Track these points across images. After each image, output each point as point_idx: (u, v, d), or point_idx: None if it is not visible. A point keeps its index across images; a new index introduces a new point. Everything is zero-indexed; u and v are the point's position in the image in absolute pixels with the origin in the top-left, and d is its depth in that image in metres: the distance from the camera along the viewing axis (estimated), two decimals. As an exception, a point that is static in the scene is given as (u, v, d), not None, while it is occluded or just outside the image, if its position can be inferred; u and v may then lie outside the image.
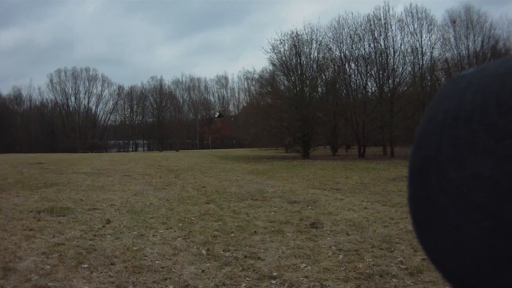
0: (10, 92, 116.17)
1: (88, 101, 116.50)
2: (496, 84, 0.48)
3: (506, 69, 0.49)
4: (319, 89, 46.36)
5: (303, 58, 44.04)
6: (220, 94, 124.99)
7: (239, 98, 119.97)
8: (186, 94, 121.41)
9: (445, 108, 0.52)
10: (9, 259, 7.12)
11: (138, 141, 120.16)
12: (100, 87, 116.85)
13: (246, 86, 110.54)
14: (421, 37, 48.34)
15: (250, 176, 21.82)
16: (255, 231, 9.04)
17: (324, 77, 46.41)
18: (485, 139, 0.45)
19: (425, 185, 0.51)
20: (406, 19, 48.52)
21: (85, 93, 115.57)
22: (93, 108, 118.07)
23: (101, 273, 6.50)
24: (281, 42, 44.13)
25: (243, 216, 10.75)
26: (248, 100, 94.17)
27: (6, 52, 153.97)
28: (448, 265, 0.49)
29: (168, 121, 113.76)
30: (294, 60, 44.13)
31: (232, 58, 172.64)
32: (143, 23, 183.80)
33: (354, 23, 47.66)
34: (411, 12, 49.50)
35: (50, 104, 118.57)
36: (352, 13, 70.72)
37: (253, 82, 73.54)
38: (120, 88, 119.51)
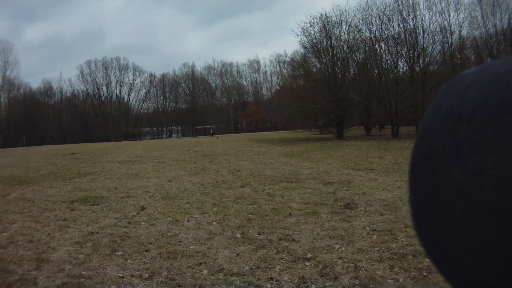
0: (40, 85, 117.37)
1: (120, 90, 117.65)
2: (499, 83, 0.48)
3: (509, 67, 0.49)
4: (351, 70, 46.08)
5: (333, 40, 43.77)
6: (252, 78, 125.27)
7: (271, 82, 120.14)
8: (218, 79, 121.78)
9: (448, 106, 0.52)
10: (42, 250, 7.20)
11: (172, 127, 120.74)
12: (132, 76, 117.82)
13: (278, 70, 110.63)
14: (449, 16, 47.86)
15: (285, 158, 21.80)
16: (289, 213, 9.03)
17: (355, 58, 46.12)
18: (487, 137, 0.45)
19: (427, 183, 0.51)
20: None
21: (117, 83, 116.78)
22: (125, 97, 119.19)
23: (135, 260, 6.54)
24: (311, 25, 43.97)
25: (278, 199, 10.74)
26: (280, 83, 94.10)
27: (34, 47, 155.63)
28: (450, 264, 0.49)
29: (201, 106, 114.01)
30: (324, 42, 43.85)
31: (263, 43, 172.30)
32: (172, 11, 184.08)
33: (382, 3, 47.45)
34: (439, -5, 48.91)
35: (81, 95, 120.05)
36: (381, -6, 70.31)
37: (285, 65, 73.31)
38: (152, 76, 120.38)
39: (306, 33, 44.32)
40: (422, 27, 45.03)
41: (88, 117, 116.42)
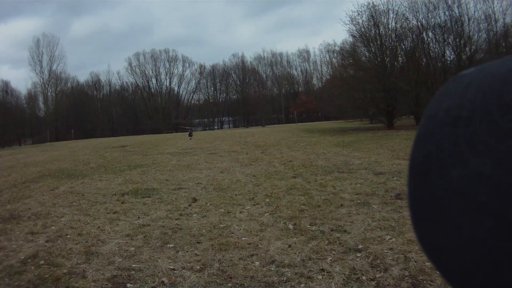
0: (88, 79, 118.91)
1: (169, 82, 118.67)
2: (497, 83, 0.48)
3: (507, 68, 0.49)
4: (399, 59, 45.60)
5: (381, 29, 43.37)
6: (303, 67, 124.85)
7: (321, 71, 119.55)
8: (269, 70, 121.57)
9: (446, 106, 0.53)
10: (92, 243, 7.34)
11: (223, 118, 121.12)
12: (181, 67, 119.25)
13: (328, 59, 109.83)
14: (492, 3, 47.10)
15: (336, 148, 21.72)
16: (341, 204, 9.03)
17: (403, 46, 45.59)
18: (486, 138, 0.46)
19: (425, 184, 0.52)
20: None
21: (166, 74, 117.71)
22: (176, 88, 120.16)
23: (187, 252, 6.61)
24: (358, 14, 43.84)
25: (330, 189, 10.74)
26: (331, 73, 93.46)
27: (82, 40, 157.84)
28: (448, 265, 0.49)
29: (252, 97, 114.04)
30: (372, 31, 43.54)
31: (313, 32, 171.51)
32: (221, 2, 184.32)
33: (427, -9, 46.75)
34: (485, -15, 48.16)
35: (130, 87, 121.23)
36: (426, -19, 69.18)
37: (335, 55, 72.79)
38: (202, 67, 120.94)
39: (354, 22, 44.16)
40: (467, 15, 44.46)
41: (138, 110, 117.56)
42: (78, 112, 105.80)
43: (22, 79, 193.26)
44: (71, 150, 34.75)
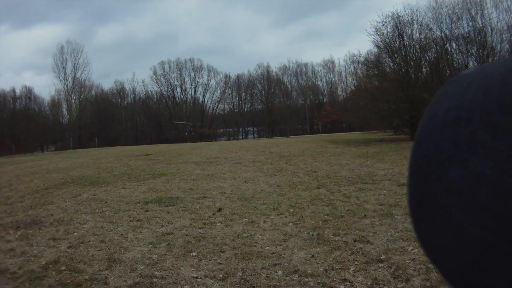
0: (113, 87, 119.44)
1: (194, 91, 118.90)
2: (497, 84, 0.49)
3: (507, 68, 0.50)
4: (423, 70, 45.36)
5: (405, 39, 43.10)
6: (327, 78, 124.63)
7: (346, 82, 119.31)
8: (294, 80, 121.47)
9: (446, 107, 0.54)
10: (115, 250, 7.41)
11: (248, 128, 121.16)
12: (206, 77, 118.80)
13: (352, 70, 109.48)
14: (515, 14, 46.84)
15: (360, 159, 21.65)
16: (364, 215, 9.06)
17: (427, 57, 45.35)
18: (486, 139, 0.46)
19: (425, 184, 0.52)
20: (500, -4, 47.12)
21: (191, 83, 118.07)
22: (200, 97, 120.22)
23: (210, 260, 6.66)
24: (383, 24, 43.55)
25: (354, 200, 10.76)
26: (355, 84, 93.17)
27: (107, 48, 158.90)
28: (448, 264, 0.50)
29: (277, 107, 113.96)
30: (397, 42, 43.26)
31: (338, 43, 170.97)
32: (247, 12, 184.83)
33: (451, 2, 46.68)
34: (505, -9, 47.97)
35: (155, 96, 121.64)
36: (449, -9, 68.93)
37: (359, 65, 72.48)
38: (227, 76, 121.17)
39: (379, 33, 43.99)
40: (490, 25, 44.48)
41: (162, 118, 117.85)
42: (102, 120, 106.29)
43: (45, 86, 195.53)
44: (95, 157, 34.91)
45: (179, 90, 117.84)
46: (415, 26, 43.61)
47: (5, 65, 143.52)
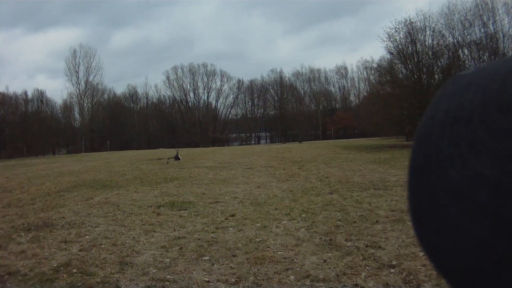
0: (125, 91, 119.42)
1: (207, 96, 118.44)
2: (497, 84, 0.49)
3: (507, 69, 0.50)
4: (436, 76, 45.26)
5: (418, 46, 43.06)
6: (340, 84, 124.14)
7: (359, 88, 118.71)
8: (306, 86, 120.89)
9: (446, 107, 0.54)
10: (126, 254, 7.47)
11: (261, 133, 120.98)
12: (219, 82, 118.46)
13: (365, 76, 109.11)
14: (527, 20, 46.75)
15: (373, 165, 21.62)
16: (376, 221, 9.08)
17: (439, 64, 45.25)
18: (485, 139, 0.46)
19: (425, 184, 0.53)
20: (510, 1, 47.01)
21: (204, 88, 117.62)
22: (213, 102, 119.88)
23: (222, 265, 6.70)
24: (396, 31, 43.52)
25: (366, 206, 10.78)
26: (368, 90, 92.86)
27: (120, 52, 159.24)
28: (447, 264, 0.50)
29: (290, 113, 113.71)
30: (410, 48, 43.25)
31: (351, 49, 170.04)
32: (262, 18, 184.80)
33: (463, 8, 47.15)
34: (516, -5, 47.92)
35: (168, 101, 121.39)
36: (461, -2, 68.73)
37: (372, 71, 72.57)
38: (240, 82, 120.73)
39: (391, 39, 44.00)
40: (502, 32, 44.41)
41: (175, 123, 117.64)
42: (114, 124, 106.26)
43: (58, 89, 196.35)
44: (107, 161, 35.03)
45: (192, 95, 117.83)
46: (428, 32, 43.70)
47: (18, 68, 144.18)
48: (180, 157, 31.23)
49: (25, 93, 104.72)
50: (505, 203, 0.42)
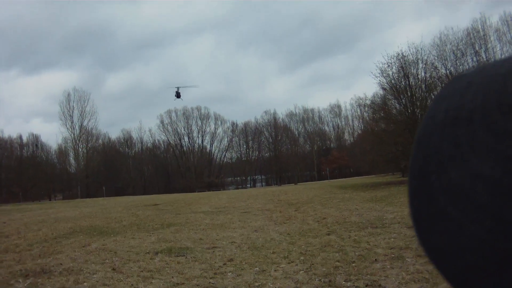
0: (120, 135, 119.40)
1: (202, 140, 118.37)
2: (497, 84, 0.50)
3: (507, 69, 0.51)
4: (429, 109, 45.56)
5: (411, 79, 43.24)
6: (334, 123, 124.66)
7: (353, 126, 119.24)
8: (300, 126, 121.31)
9: (446, 107, 0.55)
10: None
11: (256, 176, 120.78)
12: (214, 125, 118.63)
13: (359, 113, 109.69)
14: (517, 46, 47.48)
15: (369, 203, 21.65)
16: (375, 259, 9.06)
17: (433, 96, 45.49)
18: (485, 139, 0.47)
19: (425, 185, 0.54)
20: (503, 28, 48.00)
21: (198, 132, 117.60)
22: (208, 146, 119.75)
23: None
24: (388, 65, 43.78)
25: (364, 245, 10.77)
26: (362, 127, 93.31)
27: (114, 96, 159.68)
28: (448, 265, 0.51)
29: (284, 154, 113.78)
30: (403, 82, 43.40)
31: (344, 86, 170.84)
32: (255, 58, 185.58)
33: (455, 38, 47.62)
34: (506, 21, 48.90)
35: (162, 145, 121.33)
36: (452, 28, 69.50)
37: (366, 108, 72.97)
38: (234, 125, 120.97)
39: (384, 74, 44.18)
40: (494, 59, 44.74)
41: (170, 168, 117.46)
42: (109, 169, 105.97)
43: (53, 134, 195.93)
44: (103, 207, 34.94)
45: (186, 139, 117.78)
46: (420, 65, 43.86)
47: (13, 111, 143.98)
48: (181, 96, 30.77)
49: (20, 137, 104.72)
50: (505, 204, 0.43)
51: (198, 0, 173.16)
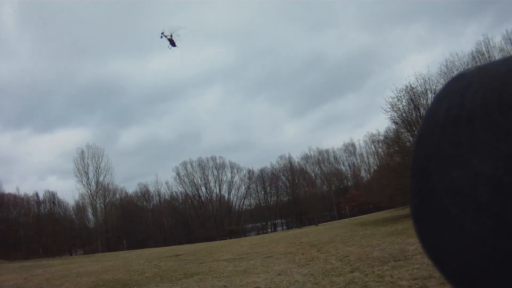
0: (137, 189, 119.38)
1: (219, 189, 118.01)
2: (498, 83, 0.50)
3: (508, 68, 0.51)
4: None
5: (421, 110, 43.09)
6: (350, 162, 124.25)
7: (369, 163, 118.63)
8: (317, 168, 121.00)
9: (446, 107, 0.55)
10: None
11: (276, 221, 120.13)
12: (230, 174, 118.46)
13: (373, 150, 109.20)
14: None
15: (391, 237, 21.51)
16: (400, 292, 9.09)
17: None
18: (486, 138, 0.47)
19: (426, 184, 0.54)
20: (506, 47, 47.77)
21: (215, 182, 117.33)
22: (226, 195, 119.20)
23: None
24: (398, 99, 43.84)
25: (388, 279, 10.75)
26: (377, 163, 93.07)
27: (128, 151, 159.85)
28: (449, 264, 0.51)
29: (303, 197, 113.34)
30: (414, 114, 43.41)
31: (356, 125, 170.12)
32: (265, 104, 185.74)
33: (461, 63, 47.64)
34: (509, 39, 48.89)
35: (180, 197, 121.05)
36: (457, 54, 69.46)
37: (380, 144, 72.68)
38: (250, 172, 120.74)
39: (395, 108, 44.40)
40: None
41: (190, 218, 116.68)
42: (128, 223, 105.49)
43: (69, 190, 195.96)
44: (124, 260, 34.86)
45: (203, 189, 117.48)
46: (429, 95, 43.73)
47: (28, 169, 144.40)
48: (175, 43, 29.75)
49: (36, 194, 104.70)
50: (506, 203, 0.44)
51: (204, 50, 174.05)
